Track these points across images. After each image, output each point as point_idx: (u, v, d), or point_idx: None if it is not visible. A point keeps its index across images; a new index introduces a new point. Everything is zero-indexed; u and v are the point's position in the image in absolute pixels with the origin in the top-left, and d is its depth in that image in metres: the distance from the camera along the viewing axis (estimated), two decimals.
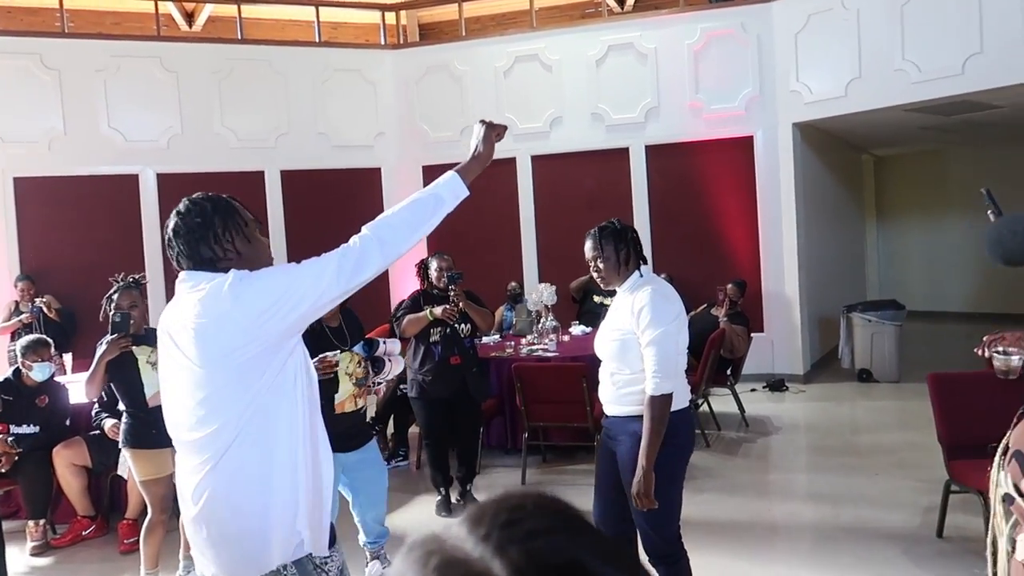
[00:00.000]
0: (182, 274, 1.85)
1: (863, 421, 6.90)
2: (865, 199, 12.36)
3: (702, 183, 8.16)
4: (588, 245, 2.79)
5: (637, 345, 2.66)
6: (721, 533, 4.07)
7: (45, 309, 6.75)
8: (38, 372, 4.52)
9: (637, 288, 2.73)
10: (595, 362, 2.93)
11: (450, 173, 2.02)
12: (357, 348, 3.53)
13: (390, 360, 3.62)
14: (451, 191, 2.02)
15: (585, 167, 8.41)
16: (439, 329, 4.45)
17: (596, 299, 6.99)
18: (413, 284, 8.59)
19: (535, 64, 8.46)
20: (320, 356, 3.25)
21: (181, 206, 1.87)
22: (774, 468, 5.56)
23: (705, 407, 6.11)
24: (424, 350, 4.49)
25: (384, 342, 3.68)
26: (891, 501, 4.50)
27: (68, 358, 5.82)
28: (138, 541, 3.75)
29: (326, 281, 1.75)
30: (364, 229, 1.85)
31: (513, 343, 6.15)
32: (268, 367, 1.76)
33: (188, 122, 7.99)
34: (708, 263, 7.99)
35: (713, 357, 5.92)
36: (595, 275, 2.81)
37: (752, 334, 6.90)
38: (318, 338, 3.33)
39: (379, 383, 3.77)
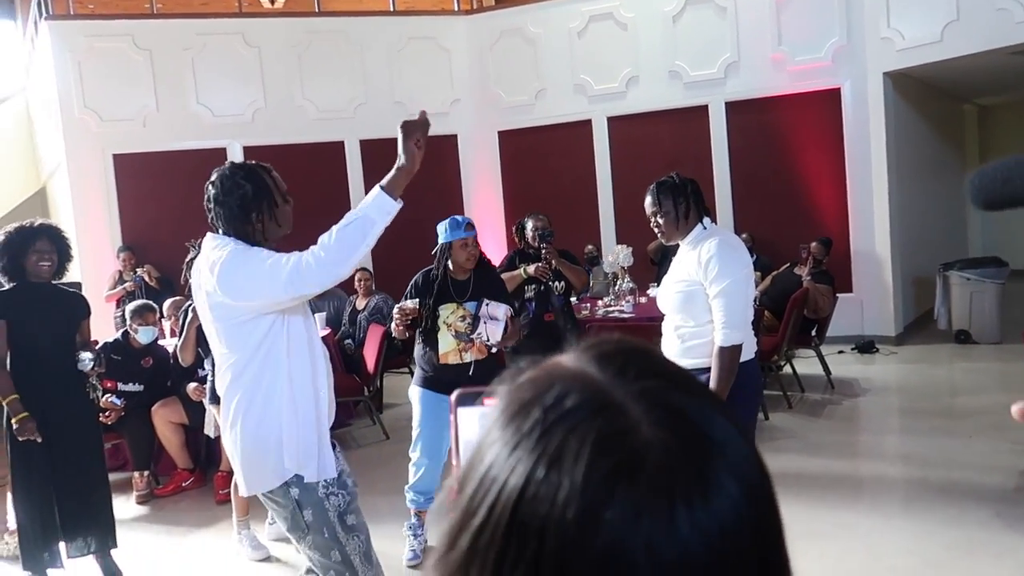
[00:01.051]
0: (217, 235, 2.18)
1: (960, 383, 6.58)
2: (967, 152, 11.63)
3: (786, 139, 7.87)
4: (647, 201, 2.78)
5: (703, 296, 2.63)
6: (802, 490, 3.97)
7: (146, 278, 7.14)
8: (143, 335, 4.82)
9: (702, 240, 2.69)
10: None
11: (376, 190, 2.03)
12: (470, 305, 3.56)
13: (485, 323, 3.58)
14: (379, 209, 2.02)
15: (662, 127, 8.23)
16: (533, 286, 4.50)
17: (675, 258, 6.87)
18: (490, 252, 8.63)
19: (610, 23, 8.29)
20: (399, 305, 3.44)
21: (223, 179, 2.15)
22: (861, 430, 5.38)
23: (788, 368, 5.95)
24: (519, 307, 4.56)
25: (487, 304, 3.61)
26: (986, 464, 4.30)
27: (167, 324, 6.16)
28: (231, 492, 3.98)
29: (277, 287, 2.02)
30: (314, 246, 2.03)
31: (589, 305, 6.13)
32: (255, 328, 2.11)
33: (271, 95, 8.23)
34: (792, 222, 7.72)
35: (795, 317, 5.75)
36: (656, 230, 2.78)
37: (839, 294, 6.65)
38: (439, 288, 3.51)
39: (489, 344, 3.61)
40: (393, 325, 3.50)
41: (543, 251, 4.41)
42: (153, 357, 4.98)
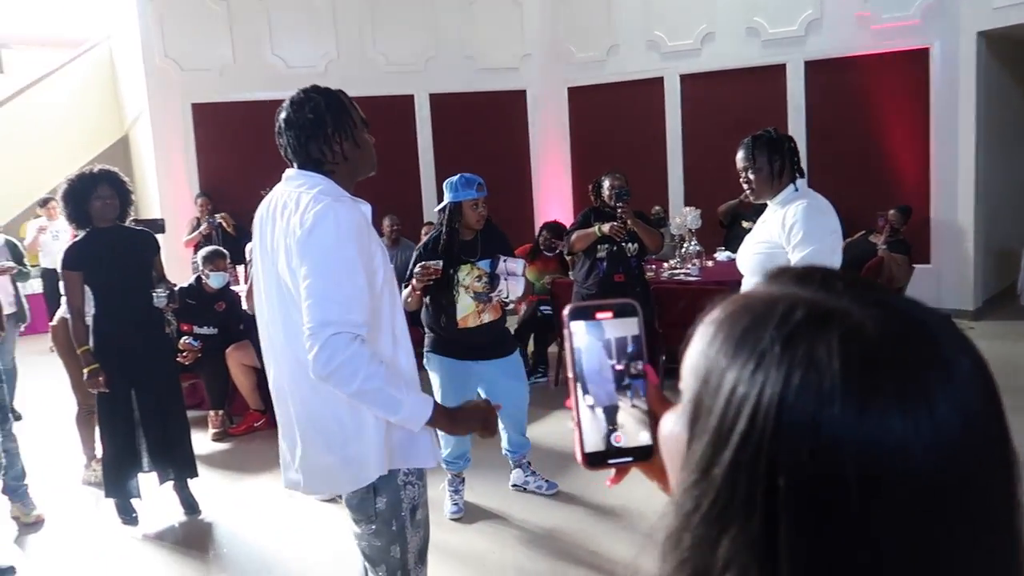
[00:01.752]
0: (290, 172, 1.90)
1: None
2: None
3: (867, 101, 7.54)
4: (740, 154, 2.68)
5: (784, 260, 2.56)
6: None
7: (224, 224, 7.36)
8: (215, 280, 5.01)
9: (790, 202, 2.61)
10: (739, 288, 2.86)
11: (430, 400, 1.81)
12: (484, 263, 3.49)
13: (505, 279, 3.51)
14: (413, 415, 1.77)
15: (737, 86, 7.98)
16: (606, 246, 4.45)
17: (745, 224, 6.72)
18: (555, 211, 8.64)
19: None
20: (423, 263, 3.32)
21: (295, 96, 1.90)
22: None
23: None
24: (589, 266, 4.53)
25: (504, 260, 3.54)
26: None
27: (241, 270, 6.38)
28: None
29: (317, 319, 1.69)
30: (366, 359, 1.71)
31: (654, 267, 6.08)
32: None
33: (344, 48, 8.29)
34: (869, 188, 7.44)
35: None
36: (745, 187, 2.69)
37: (914, 264, 6.43)
38: (446, 246, 3.42)
39: (507, 302, 3.62)
40: (411, 287, 3.33)
41: (619, 210, 4.34)
42: (225, 301, 5.18)
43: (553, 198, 9.02)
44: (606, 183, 4.50)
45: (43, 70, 9.79)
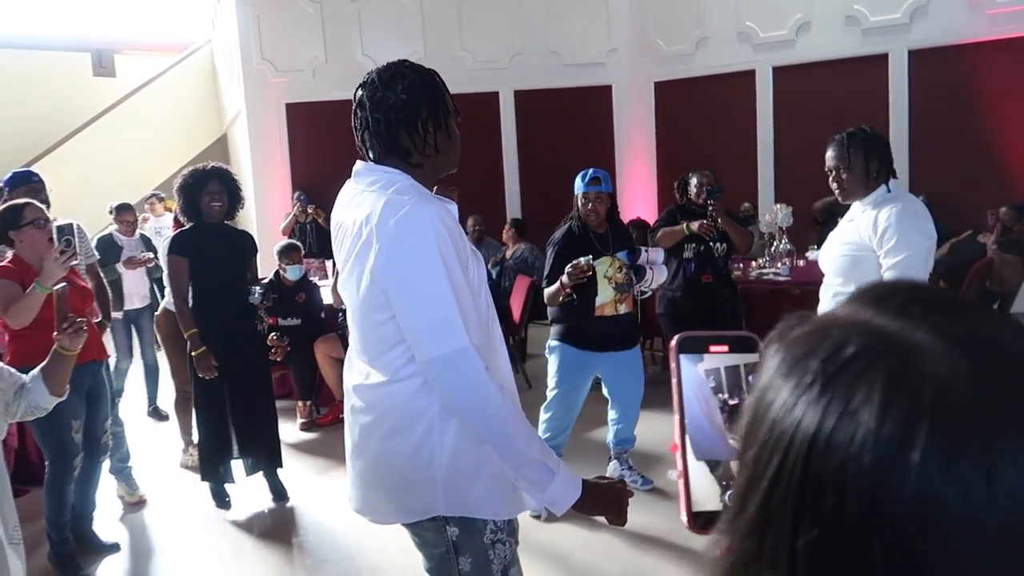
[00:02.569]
0: (360, 167, 1.62)
1: None
2: None
3: (978, 93, 7.10)
4: (831, 153, 2.56)
5: (874, 265, 2.44)
6: None
7: (317, 218, 7.56)
8: (291, 272, 5.18)
9: (884, 204, 2.47)
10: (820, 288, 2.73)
11: (577, 486, 1.50)
12: (620, 255, 3.57)
13: (651, 268, 3.63)
14: (560, 495, 1.48)
15: (834, 78, 7.65)
16: (693, 245, 4.35)
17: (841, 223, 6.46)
18: (640, 208, 8.50)
19: None
20: (574, 261, 3.36)
21: (383, 71, 1.59)
22: None
23: None
24: (676, 266, 4.43)
25: (646, 251, 3.69)
26: None
27: (329, 264, 6.55)
28: None
29: (426, 342, 1.47)
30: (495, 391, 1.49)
31: (742, 265, 5.90)
32: None
33: (431, 46, 8.40)
34: (978, 185, 7.00)
35: (975, 289, 5.26)
36: (834, 186, 2.57)
37: None
38: (582, 242, 3.47)
39: (644, 292, 3.74)
40: (560, 284, 3.35)
41: (709, 208, 4.23)
42: (306, 293, 5.34)
43: (638, 195, 8.88)
44: (693, 180, 4.39)
45: (151, 74, 10.33)
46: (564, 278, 3.34)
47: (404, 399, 1.56)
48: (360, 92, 1.61)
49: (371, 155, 1.62)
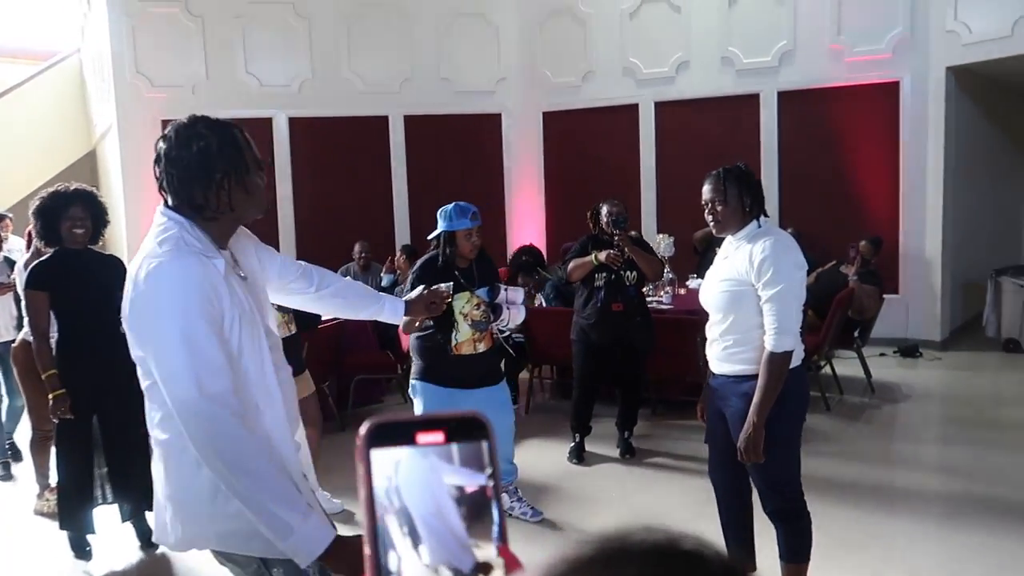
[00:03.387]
0: (159, 209, 1.67)
1: (1007, 394, 6.38)
2: None
3: (839, 133, 7.65)
4: (708, 186, 2.65)
5: (753, 298, 2.54)
6: (838, 496, 3.89)
7: None
8: None
9: (757, 238, 2.58)
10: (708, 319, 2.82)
11: (329, 538, 1.52)
12: (480, 291, 3.49)
13: (508, 308, 3.53)
14: (304, 544, 1.50)
15: (711, 114, 8.05)
16: (604, 274, 4.39)
17: (719, 252, 6.75)
18: (529, 235, 8.61)
19: (663, 5, 8.11)
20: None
21: (181, 126, 1.64)
22: (901, 437, 5.25)
23: (828, 369, 5.83)
24: (587, 295, 4.46)
25: (505, 289, 3.58)
26: None
27: None
28: None
29: (180, 380, 1.53)
30: (229, 423, 1.55)
31: None
32: None
33: (318, 67, 8.23)
34: (840, 219, 7.53)
35: (839, 317, 5.61)
36: (709, 219, 2.67)
37: (884, 295, 6.48)
38: (443, 274, 3.35)
39: (503, 331, 3.64)
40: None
41: (615, 238, 4.30)
42: None
43: (527, 222, 9.00)
44: (604, 209, 4.44)
45: (12, 82, 9.61)
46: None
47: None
48: (160, 144, 1.66)
49: (168, 202, 1.68)
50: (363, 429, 0.46)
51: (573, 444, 4.69)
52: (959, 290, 7.86)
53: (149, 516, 3.76)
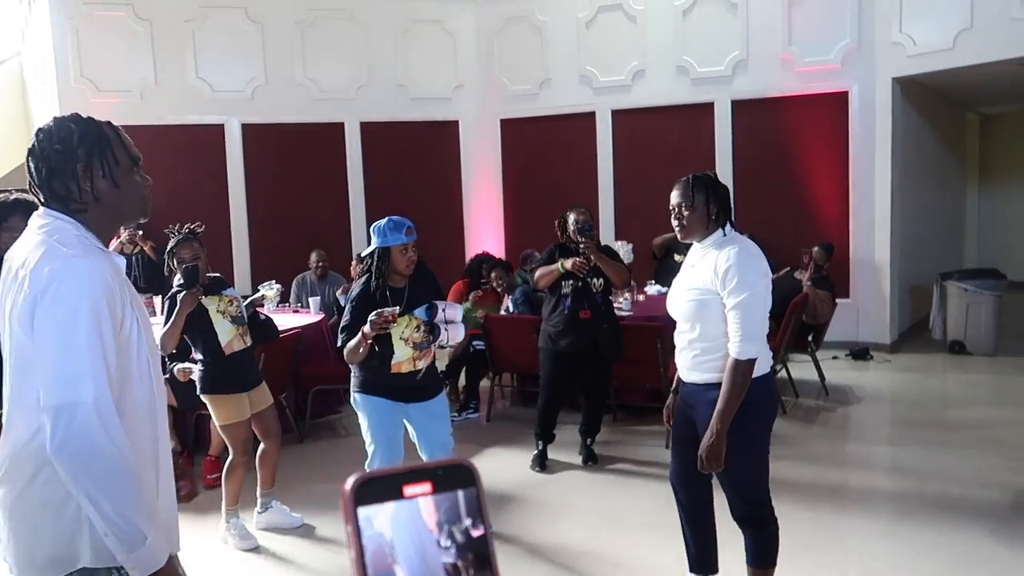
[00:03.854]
0: (40, 211, 1.65)
1: (954, 394, 6.57)
2: (967, 161, 11.61)
3: (790, 141, 7.81)
4: (676, 192, 2.66)
5: (719, 306, 2.55)
6: (796, 498, 3.95)
7: (147, 250, 6.97)
8: None
9: (722, 246, 2.60)
10: (670, 323, 2.83)
11: (163, 557, 1.53)
12: (419, 312, 3.30)
13: (446, 328, 3.39)
14: (146, 561, 1.50)
15: (667, 122, 8.15)
16: (570, 282, 4.38)
17: (677, 258, 6.80)
18: (487, 242, 8.60)
19: (619, 14, 8.19)
20: (380, 311, 3.11)
21: (51, 124, 1.65)
22: (854, 439, 5.36)
23: (783, 373, 5.92)
24: (555, 302, 4.45)
25: (443, 309, 3.40)
26: (981, 479, 4.28)
27: (158, 300, 6.06)
28: (220, 477, 3.91)
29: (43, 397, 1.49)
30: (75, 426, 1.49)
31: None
32: None
33: (272, 73, 8.10)
34: (793, 225, 7.68)
35: (794, 322, 5.71)
36: (675, 224, 2.67)
37: (837, 300, 6.62)
38: (374, 300, 3.22)
39: (443, 346, 3.52)
40: (362, 335, 3.12)
41: (581, 246, 4.30)
42: None
43: (485, 229, 8.98)
44: (571, 217, 4.43)
45: None
46: (367, 328, 3.10)
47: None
48: (32, 147, 1.65)
49: (40, 200, 1.66)
50: (348, 485, 0.42)
51: (536, 452, 4.68)
52: (907, 294, 8.09)
53: None
